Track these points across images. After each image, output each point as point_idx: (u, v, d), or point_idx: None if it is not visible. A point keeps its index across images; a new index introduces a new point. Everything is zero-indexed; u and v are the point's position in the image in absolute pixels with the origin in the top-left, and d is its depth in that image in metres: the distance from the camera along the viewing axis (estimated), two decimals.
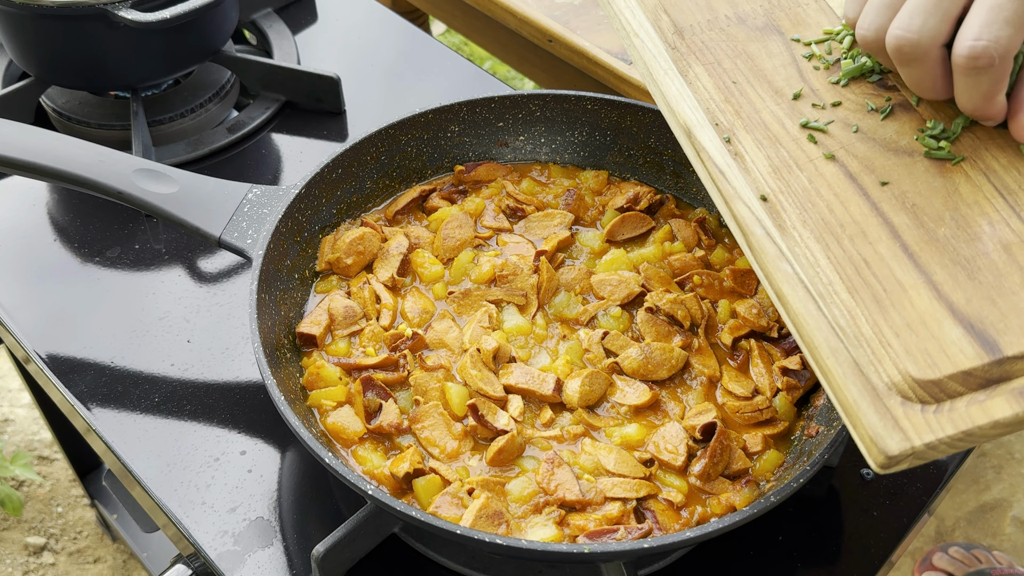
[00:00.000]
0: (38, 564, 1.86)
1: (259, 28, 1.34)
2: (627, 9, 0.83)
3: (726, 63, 0.78)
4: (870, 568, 0.82)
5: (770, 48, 0.80)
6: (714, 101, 0.76)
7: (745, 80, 0.77)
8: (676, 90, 0.77)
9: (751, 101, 0.76)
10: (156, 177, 0.89)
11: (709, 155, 0.73)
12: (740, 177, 0.71)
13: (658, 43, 0.80)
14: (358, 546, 0.76)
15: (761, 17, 0.82)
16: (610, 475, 0.77)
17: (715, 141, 0.73)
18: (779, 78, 0.78)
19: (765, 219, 0.69)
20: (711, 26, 0.81)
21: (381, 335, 0.87)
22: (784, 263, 0.66)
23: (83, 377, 0.94)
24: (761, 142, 0.73)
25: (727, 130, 0.74)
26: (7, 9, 1.06)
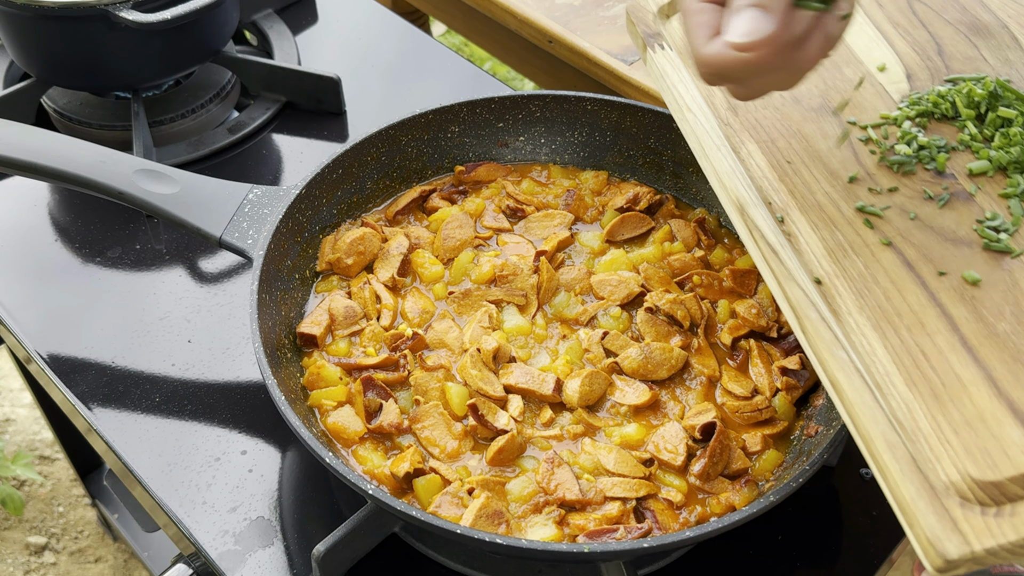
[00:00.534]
0: (39, 563, 1.87)
1: (260, 29, 1.34)
2: (680, 84, 0.82)
3: (780, 142, 0.77)
4: (869, 567, 0.82)
5: (825, 129, 0.79)
6: (767, 179, 0.75)
7: (800, 160, 0.76)
8: (728, 166, 0.76)
9: (806, 182, 0.75)
10: (157, 177, 0.89)
11: (762, 233, 0.71)
12: (794, 258, 0.70)
13: (711, 118, 0.79)
14: (358, 546, 0.76)
15: (816, 98, 0.81)
16: (610, 475, 0.77)
17: (768, 220, 0.72)
18: (834, 160, 0.76)
19: (820, 303, 0.67)
20: (765, 104, 0.80)
21: (381, 335, 0.87)
22: (840, 350, 0.64)
23: (84, 377, 0.94)
24: (816, 224, 0.72)
25: (780, 209, 0.73)
26: (8, 10, 1.07)
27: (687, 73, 0.83)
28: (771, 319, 0.89)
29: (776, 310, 0.90)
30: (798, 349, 0.87)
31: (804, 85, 0.82)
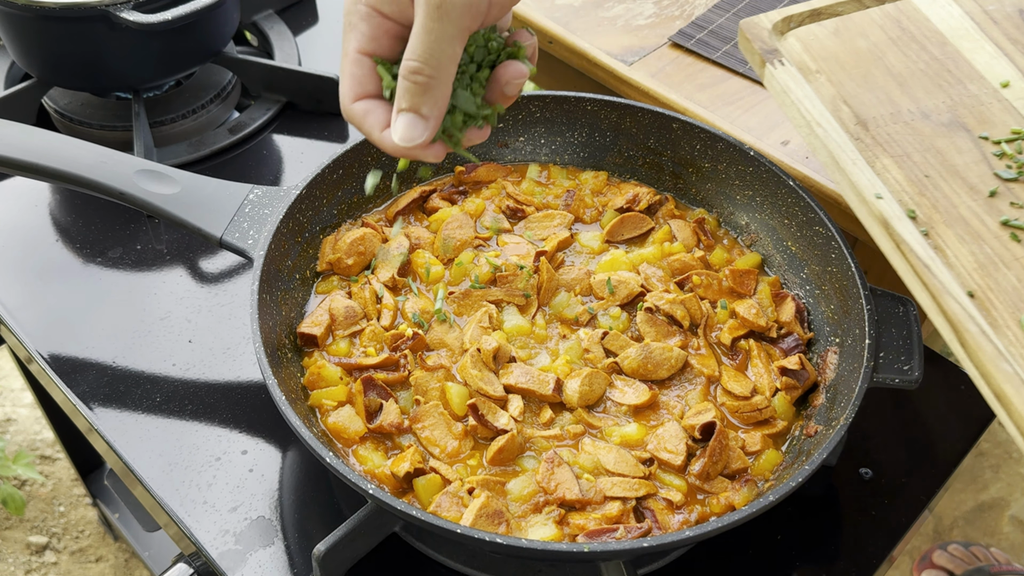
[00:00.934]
0: (40, 563, 1.87)
1: (260, 29, 1.34)
2: (806, 99, 0.83)
3: (916, 157, 0.78)
4: (868, 567, 0.82)
5: (958, 144, 0.79)
6: (907, 193, 0.75)
7: (937, 175, 0.76)
8: (867, 180, 0.76)
9: (947, 196, 0.75)
10: (158, 178, 0.89)
11: (911, 248, 0.72)
12: (946, 271, 0.70)
13: (841, 133, 0.80)
14: (359, 545, 0.76)
15: (945, 113, 0.82)
16: (610, 474, 0.78)
17: (915, 234, 0.72)
18: (972, 175, 0.77)
19: (978, 316, 0.67)
20: (895, 119, 0.81)
21: (382, 335, 0.87)
22: (1004, 363, 0.65)
23: (85, 377, 0.95)
24: (963, 238, 0.72)
25: (924, 223, 0.73)
26: (9, 11, 1.07)
27: (811, 88, 0.84)
28: (770, 319, 0.89)
29: (775, 310, 0.90)
30: (797, 349, 0.87)
31: (931, 101, 0.83)
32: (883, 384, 0.78)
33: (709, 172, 0.99)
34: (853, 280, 0.84)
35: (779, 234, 0.95)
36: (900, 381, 0.78)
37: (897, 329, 0.81)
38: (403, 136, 0.61)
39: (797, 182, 0.91)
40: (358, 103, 0.63)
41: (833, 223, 0.87)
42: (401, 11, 0.61)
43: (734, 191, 0.98)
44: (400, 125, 0.61)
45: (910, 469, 0.89)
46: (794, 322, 0.89)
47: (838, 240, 0.86)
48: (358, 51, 0.62)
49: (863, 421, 0.93)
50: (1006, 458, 2.08)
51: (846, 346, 0.84)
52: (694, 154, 0.99)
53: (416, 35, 0.59)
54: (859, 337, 0.81)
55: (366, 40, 0.62)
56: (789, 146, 1.11)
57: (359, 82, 0.63)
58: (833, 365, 0.85)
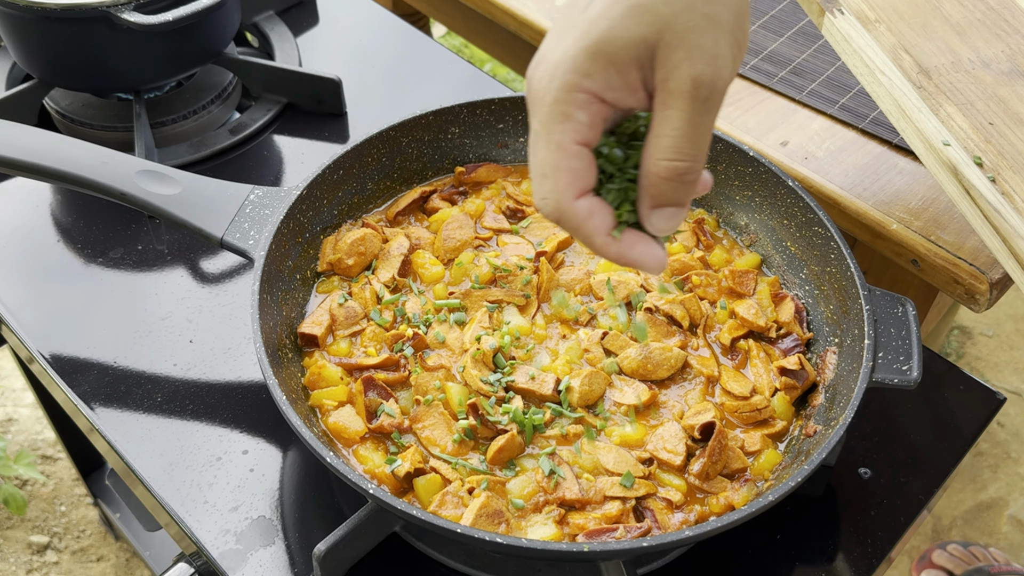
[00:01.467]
0: (41, 563, 1.87)
1: (261, 30, 1.35)
2: (868, 48, 0.83)
3: (979, 105, 0.79)
4: (867, 566, 0.83)
5: (1020, 93, 0.80)
6: (972, 141, 0.76)
7: (1001, 122, 0.77)
8: (933, 128, 0.77)
9: (1012, 143, 0.76)
10: (159, 178, 0.90)
11: (980, 193, 0.73)
12: (1015, 216, 0.71)
13: (904, 82, 0.80)
14: (359, 545, 0.77)
15: (1005, 62, 0.83)
16: (609, 474, 0.78)
17: (982, 179, 0.73)
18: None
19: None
20: (956, 68, 0.82)
21: (382, 335, 0.87)
22: None
23: (86, 377, 0.95)
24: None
25: (991, 170, 0.74)
26: (10, 12, 1.07)
27: (871, 37, 0.84)
28: (769, 319, 0.89)
29: (774, 310, 0.90)
30: (796, 349, 0.88)
31: (990, 50, 0.84)
32: (882, 384, 0.78)
33: None
34: (852, 280, 0.84)
35: (778, 234, 0.95)
36: (899, 381, 0.78)
37: (896, 329, 0.81)
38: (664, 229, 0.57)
39: (796, 183, 0.91)
40: (581, 201, 0.55)
41: (832, 224, 0.87)
42: (631, 95, 0.53)
43: (733, 191, 0.98)
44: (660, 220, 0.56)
45: (909, 469, 0.89)
46: (793, 322, 0.89)
47: (837, 241, 0.86)
48: (577, 143, 0.54)
49: (862, 421, 0.93)
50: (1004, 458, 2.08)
51: (845, 346, 0.84)
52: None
53: (678, 131, 0.52)
54: (858, 337, 0.81)
55: (585, 129, 0.54)
56: (788, 147, 1.11)
57: (580, 177, 0.55)
58: (832, 365, 0.85)
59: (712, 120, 0.53)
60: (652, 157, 0.54)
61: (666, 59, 0.51)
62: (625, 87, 0.53)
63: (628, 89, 0.53)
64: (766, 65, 1.23)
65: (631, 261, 0.58)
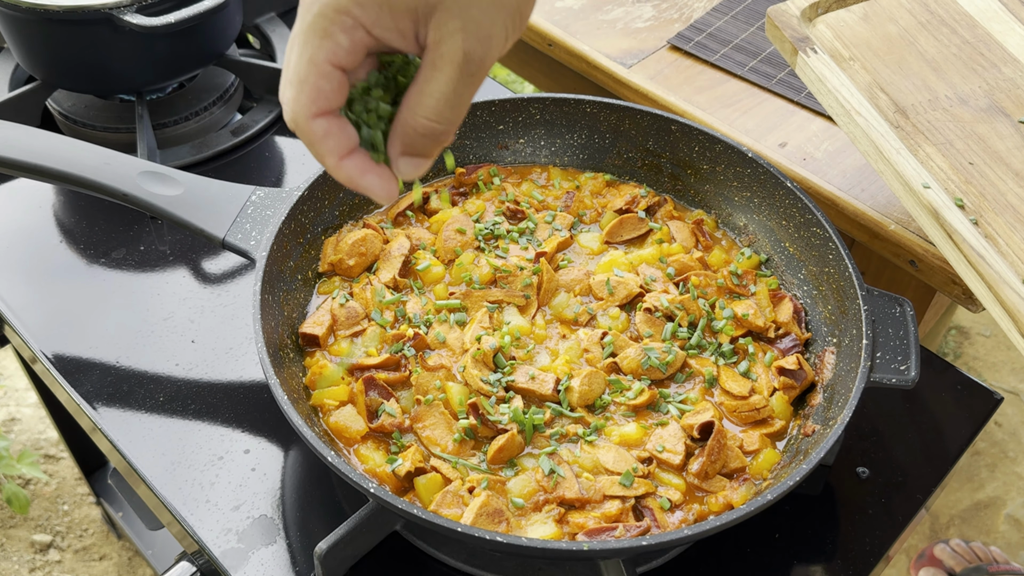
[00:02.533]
0: (44, 561, 1.88)
1: (262, 32, 1.35)
2: (843, 88, 0.82)
3: (958, 144, 0.77)
4: (865, 565, 0.83)
5: (999, 130, 0.79)
6: (953, 182, 0.75)
7: (981, 161, 0.76)
8: (912, 170, 0.76)
9: (993, 183, 0.74)
10: (161, 180, 0.90)
11: (963, 238, 0.71)
12: (999, 260, 0.69)
13: (882, 122, 0.79)
14: (360, 543, 0.77)
15: (983, 98, 0.81)
16: (609, 473, 0.78)
17: (965, 224, 0.72)
18: (1015, 160, 0.76)
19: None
20: (933, 106, 0.80)
21: (383, 335, 0.88)
22: None
23: (89, 377, 0.95)
24: (1013, 225, 0.71)
25: (973, 212, 0.73)
26: (14, 14, 1.07)
27: (846, 76, 0.83)
28: (768, 320, 0.90)
29: (773, 310, 0.91)
30: (795, 349, 0.88)
31: (967, 86, 0.82)
32: (880, 384, 0.78)
33: (707, 174, 1.00)
34: (850, 281, 0.84)
35: (777, 235, 0.95)
36: (897, 381, 0.79)
37: (894, 329, 0.82)
38: (409, 175, 0.58)
39: (795, 184, 0.91)
40: (318, 120, 0.56)
41: (830, 224, 0.88)
42: (399, 38, 0.54)
43: (732, 192, 0.99)
44: (407, 166, 0.58)
45: (907, 468, 0.90)
46: (792, 322, 0.89)
47: (835, 241, 0.87)
48: (331, 63, 0.54)
49: (860, 421, 0.93)
50: (1002, 457, 2.08)
51: (843, 346, 0.85)
52: (692, 156, 1.00)
53: (442, 95, 0.53)
54: (856, 337, 0.82)
55: (343, 53, 0.54)
56: (786, 148, 1.12)
57: (324, 97, 0.55)
58: (830, 365, 0.85)
59: (474, 90, 0.55)
60: (413, 111, 0.55)
61: (441, 24, 0.52)
62: (395, 31, 0.53)
63: (398, 33, 0.53)
64: (764, 67, 1.23)
65: (360, 187, 0.58)
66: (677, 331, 0.88)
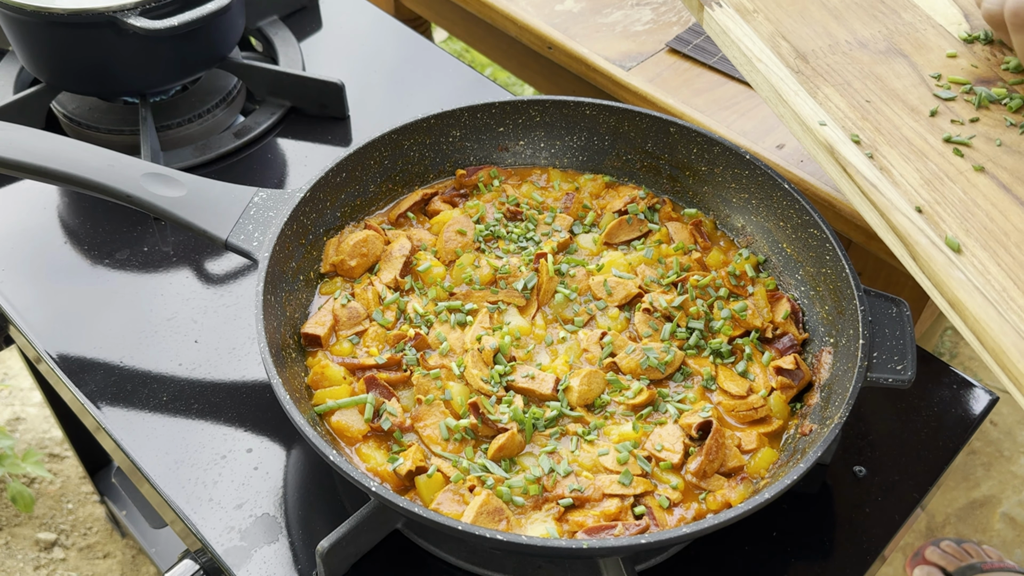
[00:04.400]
0: (49, 559, 1.88)
1: (265, 35, 1.36)
2: (745, 38, 0.84)
3: (856, 84, 0.79)
4: (862, 563, 0.83)
5: (896, 70, 0.81)
6: (850, 119, 0.77)
7: (879, 99, 0.78)
8: (809, 109, 0.78)
9: (889, 119, 0.77)
10: (164, 181, 0.91)
11: (857, 169, 0.73)
12: (892, 189, 0.71)
13: (782, 67, 0.81)
14: (362, 542, 0.78)
15: (882, 42, 0.84)
16: (608, 472, 0.79)
17: (859, 156, 0.74)
18: (912, 97, 0.78)
19: (927, 228, 0.69)
20: (833, 50, 0.82)
21: (384, 335, 0.88)
22: (956, 271, 0.66)
23: (93, 376, 0.96)
24: (907, 156, 0.74)
25: (868, 146, 0.75)
26: (19, 16, 1.08)
27: (750, 27, 0.85)
28: (766, 320, 0.90)
29: (771, 311, 0.91)
30: (792, 349, 0.89)
31: (867, 31, 0.84)
32: (877, 384, 0.79)
33: (706, 175, 1.01)
34: (847, 281, 0.85)
35: (774, 236, 0.96)
36: (893, 381, 0.79)
37: (890, 330, 0.82)
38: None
39: (792, 185, 0.92)
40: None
41: (827, 225, 0.88)
42: None
43: (730, 194, 0.99)
44: None
45: (903, 467, 0.90)
46: (789, 323, 0.90)
47: (832, 242, 0.87)
48: None
49: (857, 420, 0.94)
50: (997, 456, 2.08)
51: (840, 346, 0.85)
52: (691, 158, 1.00)
53: None
54: (853, 337, 0.82)
55: None
56: (784, 150, 1.12)
57: None
58: (828, 365, 0.86)
59: None
60: None
61: None
62: None
63: None
64: None
65: None
66: (676, 331, 0.89)
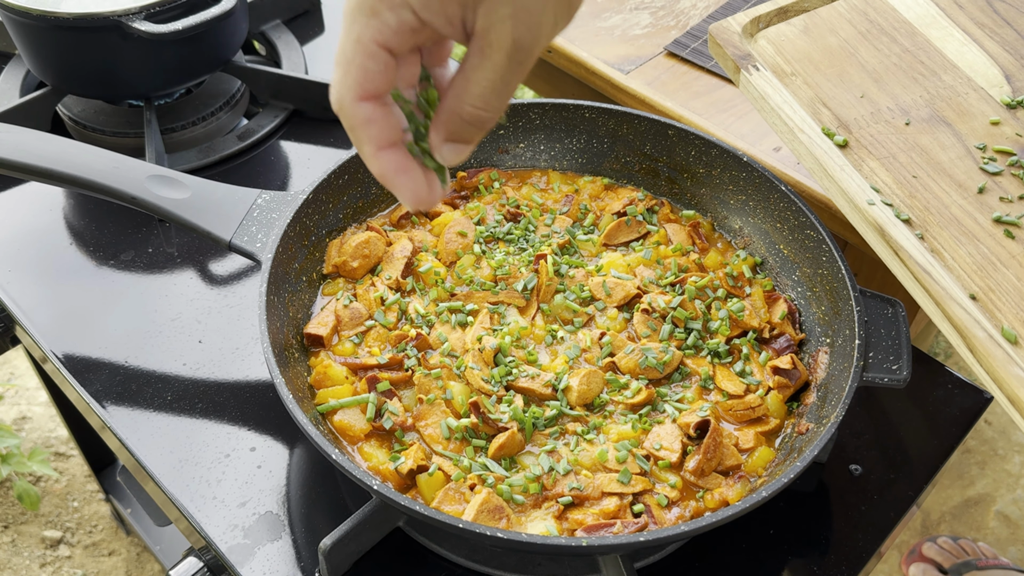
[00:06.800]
0: (55, 556, 1.89)
1: (268, 39, 1.37)
2: (785, 105, 0.81)
3: (901, 157, 0.76)
4: (858, 560, 0.84)
5: (941, 140, 0.77)
6: (898, 196, 0.73)
7: (925, 174, 0.74)
8: (856, 187, 0.74)
9: (937, 196, 0.73)
10: (169, 183, 0.91)
11: (909, 254, 0.70)
12: (946, 276, 0.68)
13: (824, 139, 0.77)
14: (364, 539, 0.78)
15: (924, 108, 0.80)
16: (607, 471, 0.79)
17: (911, 239, 0.70)
18: (958, 171, 0.75)
19: (983, 320, 0.65)
20: (875, 119, 0.79)
21: (386, 336, 0.89)
22: (1014, 367, 0.63)
23: (98, 376, 0.96)
24: (959, 239, 0.70)
25: (919, 227, 0.71)
26: (25, 21, 1.09)
27: (788, 93, 0.82)
28: (763, 320, 0.91)
29: (768, 311, 0.92)
30: (789, 349, 0.89)
31: (908, 96, 0.80)
32: (872, 383, 0.79)
33: (704, 177, 1.01)
34: (843, 282, 0.85)
35: (771, 237, 0.97)
36: (889, 380, 0.79)
37: (886, 330, 0.82)
38: (451, 161, 0.56)
39: (789, 187, 0.92)
40: (363, 104, 0.54)
41: (824, 227, 0.89)
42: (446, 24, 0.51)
43: (728, 196, 1.00)
44: (450, 153, 0.56)
45: (899, 466, 0.91)
46: (786, 323, 0.91)
47: (828, 244, 0.88)
48: (377, 43, 0.52)
49: (853, 419, 0.94)
50: (992, 455, 2.09)
51: (836, 346, 0.86)
52: (689, 160, 1.01)
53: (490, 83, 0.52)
54: (849, 337, 0.83)
55: (390, 33, 0.52)
56: (781, 152, 1.13)
57: (370, 78, 0.53)
58: (824, 365, 0.86)
59: (521, 78, 0.53)
60: (459, 99, 0.54)
61: (491, 10, 0.51)
62: (442, 15, 0.51)
63: (445, 18, 0.52)
64: None
65: (392, 185, 0.57)
66: (674, 331, 0.89)
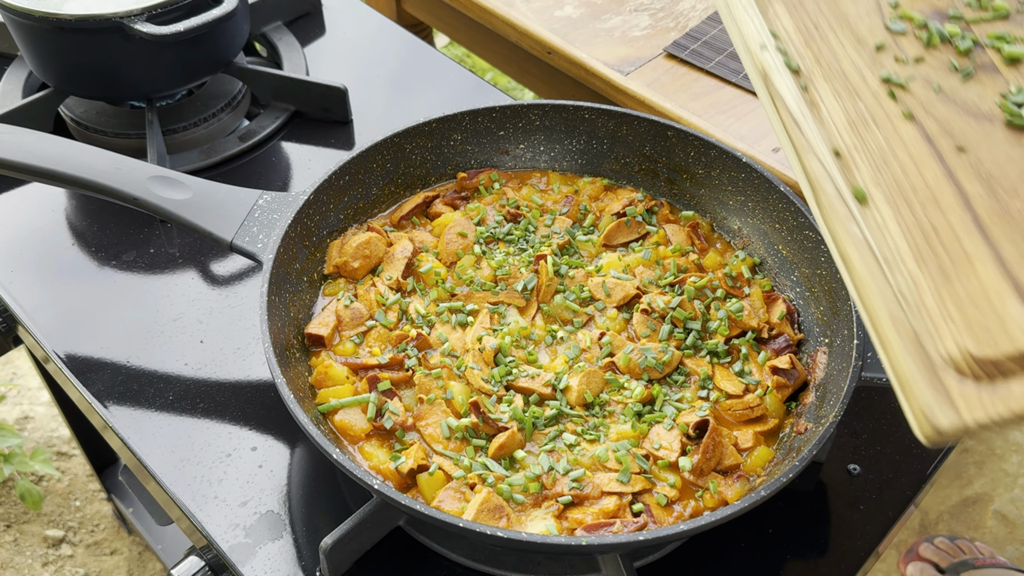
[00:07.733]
0: (57, 556, 1.89)
1: (269, 41, 1.37)
2: None
3: (808, 4, 0.73)
4: (856, 559, 0.84)
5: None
6: (793, 44, 0.71)
7: (827, 24, 0.72)
8: (755, 29, 0.72)
9: (832, 48, 0.71)
10: (170, 184, 0.91)
11: (785, 103, 0.68)
12: (815, 129, 0.66)
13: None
14: (364, 538, 0.79)
15: None
16: (607, 470, 0.80)
17: (792, 88, 0.68)
18: (862, 26, 0.72)
19: (837, 177, 0.64)
20: None
21: (386, 336, 0.90)
22: (853, 225, 0.62)
23: (100, 376, 0.97)
24: (840, 93, 0.68)
25: (805, 77, 0.69)
26: (27, 22, 1.09)
27: None
28: (762, 320, 0.92)
29: (767, 311, 0.93)
30: (788, 349, 0.90)
31: None
32: (871, 383, 0.80)
33: (703, 178, 1.02)
34: (842, 283, 0.85)
35: (770, 238, 0.97)
36: (887, 380, 0.80)
37: None
38: None
39: (788, 188, 0.93)
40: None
41: None
42: None
43: (727, 196, 1.00)
44: None
45: (897, 465, 0.91)
46: (785, 323, 0.91)
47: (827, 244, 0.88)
48: None
49: (851, 419, 0.95)
50: (990, 455, 2.09)
51: (835, 346, 0.86)
52: (688, 161, 1.01)
53: None
54: (847, 337, 0.83)
55: None
56: (780, 153, 1.13)
57: None
58: (823, 364, 0.87)
59: None
60: None
61: None
62: None
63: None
64: None
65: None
66: (673, 332, 0.90)
